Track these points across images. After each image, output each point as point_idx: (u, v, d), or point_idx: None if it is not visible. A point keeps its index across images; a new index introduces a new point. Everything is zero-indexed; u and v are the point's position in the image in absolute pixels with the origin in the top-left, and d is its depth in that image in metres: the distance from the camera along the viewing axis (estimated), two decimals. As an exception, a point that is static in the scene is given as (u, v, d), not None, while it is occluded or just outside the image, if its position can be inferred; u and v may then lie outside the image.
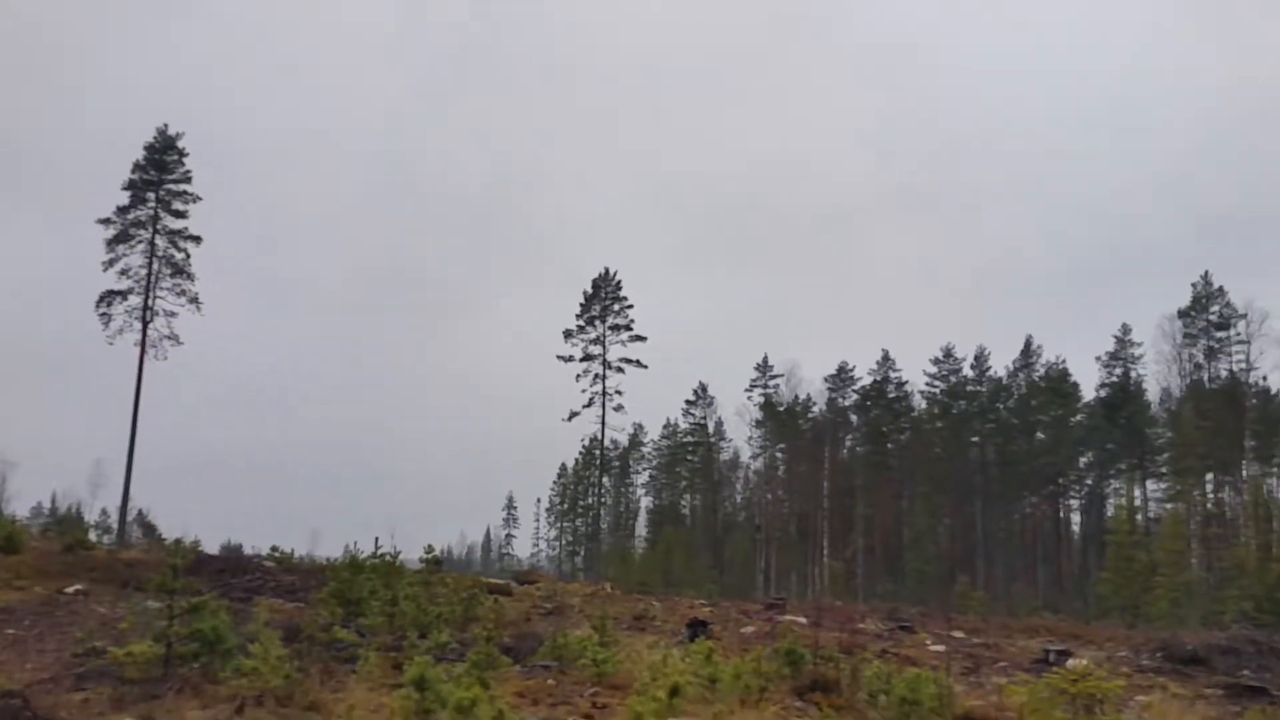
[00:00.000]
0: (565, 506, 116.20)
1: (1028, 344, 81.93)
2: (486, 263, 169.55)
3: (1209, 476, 65.06)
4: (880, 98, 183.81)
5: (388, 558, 19.18)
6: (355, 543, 20.36)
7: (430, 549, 23.07)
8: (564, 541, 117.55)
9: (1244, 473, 65.54)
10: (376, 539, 19.61)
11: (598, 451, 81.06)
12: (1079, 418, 77.47)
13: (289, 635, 13.88)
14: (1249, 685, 16.75)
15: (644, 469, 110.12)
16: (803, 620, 23.52)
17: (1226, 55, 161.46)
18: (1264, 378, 68.36)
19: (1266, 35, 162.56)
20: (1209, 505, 64.35)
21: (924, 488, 76.00)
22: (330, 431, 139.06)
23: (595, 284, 75.70)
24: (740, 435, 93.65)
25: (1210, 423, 61.96)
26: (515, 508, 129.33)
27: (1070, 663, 11.94)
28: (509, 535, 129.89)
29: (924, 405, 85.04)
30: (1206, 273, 69.53)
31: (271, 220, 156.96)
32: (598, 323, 74.33)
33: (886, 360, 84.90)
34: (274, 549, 30.81)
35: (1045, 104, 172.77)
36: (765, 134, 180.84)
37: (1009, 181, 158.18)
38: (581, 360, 73.53)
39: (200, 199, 56.72)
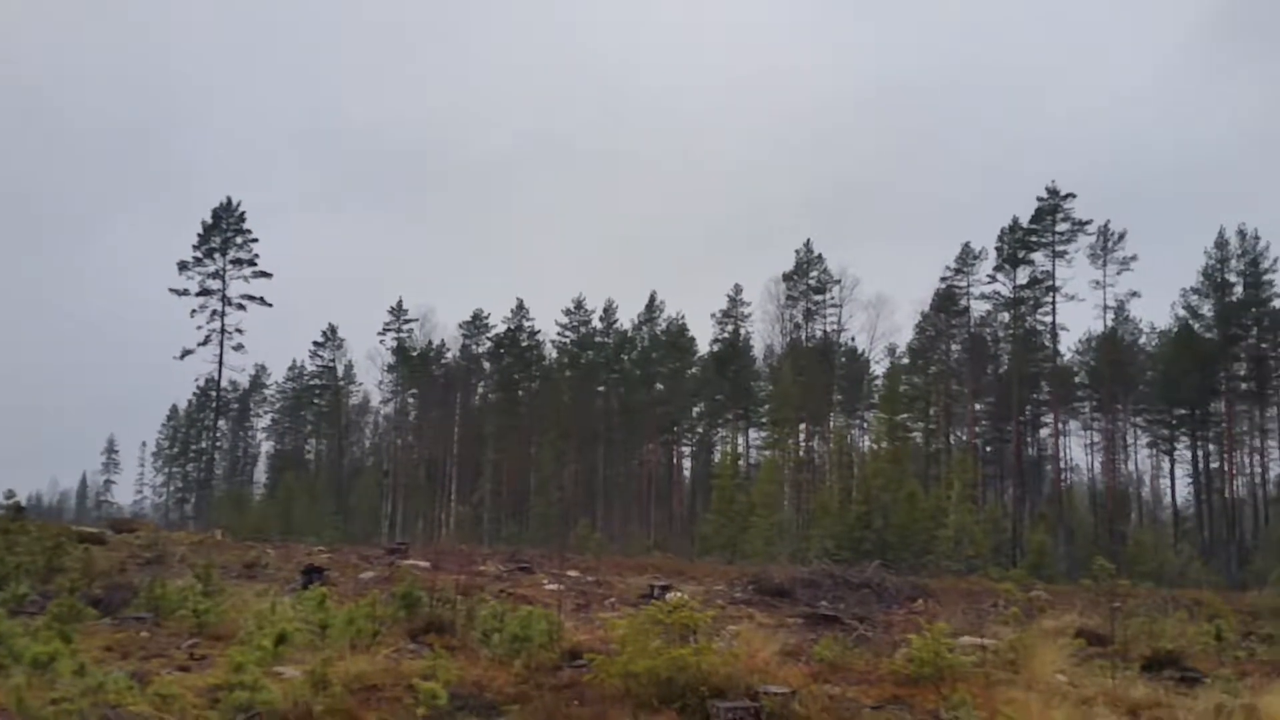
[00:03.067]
0: (175, 451, 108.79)
1: (652, 299, 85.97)
2: (101, 189, 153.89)
3: (802, 427, 71.56)
4: (543, 60, 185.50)
5: (-46, 505, 17.05)
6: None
7: (11, 494, 20.86)
8: (172, 488, 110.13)
9: (831, 424, 73.15)
10: (-59, 484, 17.36)
11: (214, 392, 76.41)
12: (694, 370, 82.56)
13: None
14: (825, 614, 18.83)
15: (266, 412, 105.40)
16: (425, 564, 23.60)
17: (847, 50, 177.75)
18: (852, 339, 76.47)
19: (861, 36, 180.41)
20: (801, 453, 70.87)
21: (551, 434, 78.15)
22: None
23: (216, 214, 70.65)
24: (371, 379, 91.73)
25: (805, 378, 68.39)
26: (117, 452, 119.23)
27: (670, 596, 12.81)
28: (109, 481, 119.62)
29: (555, 355, 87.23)
30: (808, 240, 75.54)
31: None
32: (218, 255, 69.62)
33: (520, 309, 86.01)
34: None
35: (691, 81, 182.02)
36: (413, 87, 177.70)
37: (651, 147, 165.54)
38: (198, 295, 68.74)
39: None
